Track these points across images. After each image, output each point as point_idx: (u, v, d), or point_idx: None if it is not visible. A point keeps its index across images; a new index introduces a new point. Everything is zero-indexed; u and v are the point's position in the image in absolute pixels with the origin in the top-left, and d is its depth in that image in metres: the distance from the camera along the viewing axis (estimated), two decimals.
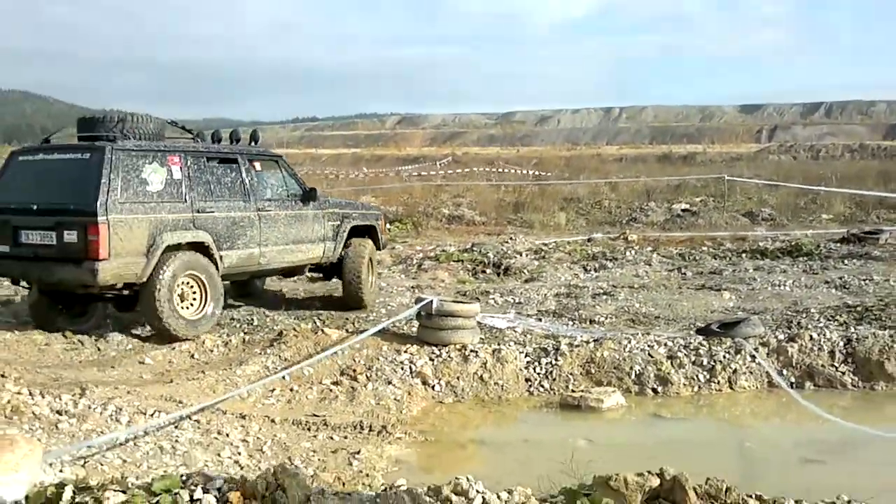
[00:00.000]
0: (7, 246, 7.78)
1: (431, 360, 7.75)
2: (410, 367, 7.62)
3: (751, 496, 4.09)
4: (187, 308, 7.93)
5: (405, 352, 7.80)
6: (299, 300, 10.39)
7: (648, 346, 8.01)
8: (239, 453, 5.71)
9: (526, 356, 7.91)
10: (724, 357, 7.84)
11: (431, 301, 7.98)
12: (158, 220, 7.68)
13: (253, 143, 9.37)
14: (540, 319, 9.15)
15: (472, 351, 7.82)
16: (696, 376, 7.75)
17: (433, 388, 7.54)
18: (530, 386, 7.69)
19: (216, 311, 8.17)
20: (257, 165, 8.95)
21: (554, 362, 7.82)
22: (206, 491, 3.66)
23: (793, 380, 7.81)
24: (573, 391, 7.48)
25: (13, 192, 7.89)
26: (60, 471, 4.20)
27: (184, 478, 3.78)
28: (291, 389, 7.12)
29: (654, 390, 7.66)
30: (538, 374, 7.77)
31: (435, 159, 49.51)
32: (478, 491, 3.99)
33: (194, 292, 8.00)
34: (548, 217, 19.89)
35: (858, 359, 7.90)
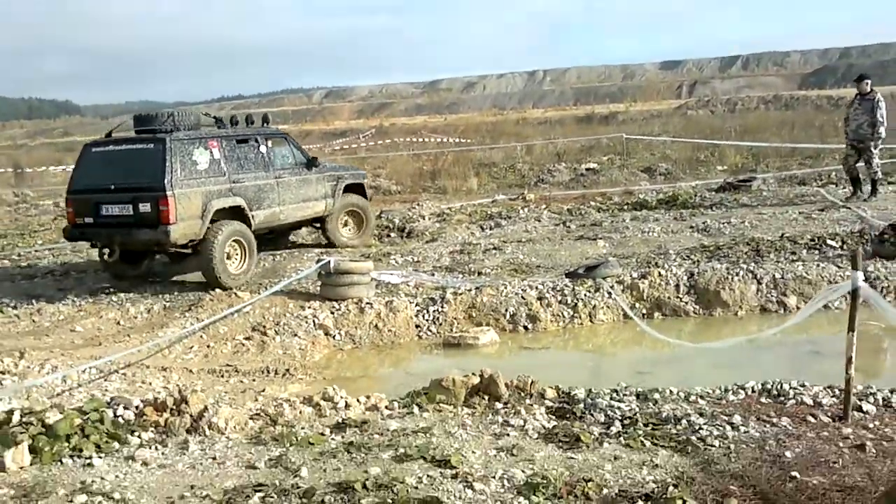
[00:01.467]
0: (91, 218, 9.78)
1: (332, 313, 8.87)
2: (314, 321, 8.72)
3: (551, 387, 5.34)
4: (232, 264, 9.93)
5: (309, 307, 8.90)
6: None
7: (522, 290, 9.23)
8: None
9: (416, 306, 9.07)
10: (586, 295, 9.11)
11: (329, 261, 9.08)
12: (207, 190, 9.73)
13: (265, 125, 11.45)
14: (433, 274, 10.30)
15: (367, 303, 8.95)
16: (562, 313, 9.01)
17: (334, 337, 8.67)
18: (420, 331, 8.87)
19: (251, 267, 10.15)
20: (270, 142, 11.01)
21: (440, 309, 9.00)
22: (126, 408, 4.74)
23: (644, 311, 9.12)
24: (455, 332, 8.69)
25: (92, 177, 9.87)
26: (9, 403, 5.23)
27: (108, 400, 4.85)
28: (208, 346, 8.18)
29: (526, 327, 8.91)
30: (426, 320, 8.94)
31: (361, 132, 50.25)
32: (341, 397, 5.16)
33: (237, 253, 10.02)
34: (460, 183, 20.96)
35: (699, 290, 9.24)
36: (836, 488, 3.87)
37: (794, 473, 4.02)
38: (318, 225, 12.16)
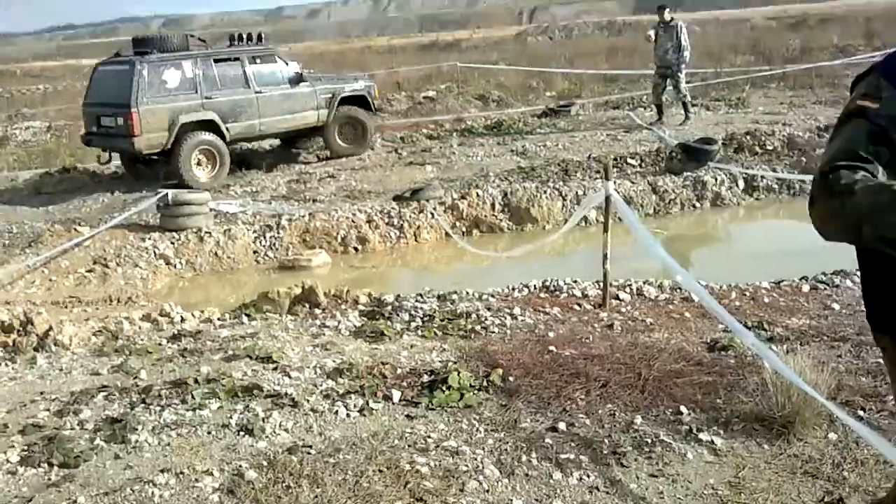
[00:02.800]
0: (95, 127, 11.74)
1: (172, 243, 9.35)
2: (154, 251, 9.19)
3: (364, 293, 6.15)
4: (203, 170, 11.50)
5: (149, 239, 9.35)
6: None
7: (352, 214, 9.97)
8: None
9: (254, 233, 9.68)
10: (411, 217, 9.96)
11: (167, 194, 9.51)
12: (175, 106, 11.15)
13: (259, 43, 12.71)
14: (270, 203, 10.88)
15: (206, 232, 9.48)
16: (389, 234, 9.85)
17: (175, 266, 9.18)
18: (258, 256, 9.50)
19: (222, 173, 11.71)
20: (257, 59, 12.21)
21: (276, 235, 9.65)
22: None
23: (464, 229, 10.07)
24: (290, 256, 9.37)
25: (96, 93, 11.83)
26: None
27: None
28: (50, 280, 8.54)
29: (356, 249, 9.70)
30: (264, 246, 9.58)
31: None
32: (177, 312, 5.79)
33: (208, 160, 11.54)
34: None
35: (512, 208, 10.26)
36: (582, 357, 4.86)
37: (551, 348, 4.99)
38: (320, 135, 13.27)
